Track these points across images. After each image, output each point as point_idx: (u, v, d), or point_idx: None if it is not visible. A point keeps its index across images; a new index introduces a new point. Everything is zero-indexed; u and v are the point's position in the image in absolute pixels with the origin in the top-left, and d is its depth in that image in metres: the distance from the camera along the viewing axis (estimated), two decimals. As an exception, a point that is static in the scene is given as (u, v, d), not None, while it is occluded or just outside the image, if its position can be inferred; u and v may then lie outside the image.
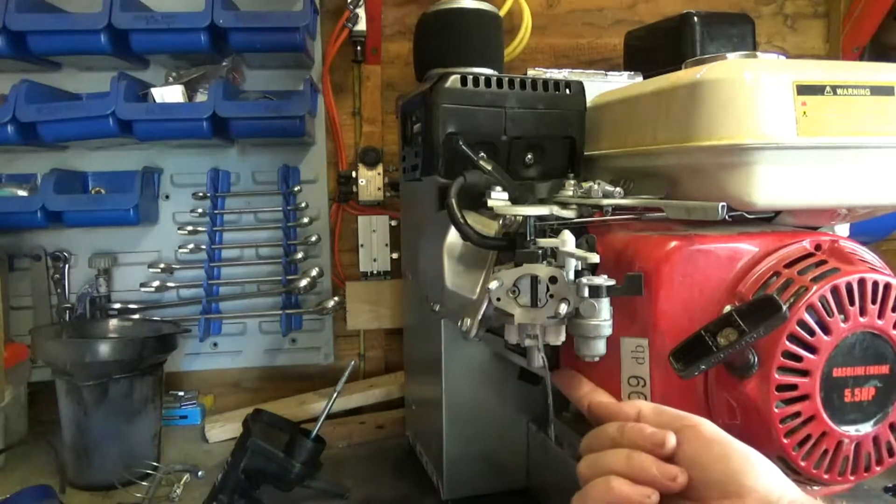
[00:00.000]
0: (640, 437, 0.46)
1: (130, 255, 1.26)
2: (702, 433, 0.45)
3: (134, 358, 0.98)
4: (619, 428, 0.48)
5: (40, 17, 1.08)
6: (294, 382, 1.32)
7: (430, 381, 0.92)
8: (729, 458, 0.43)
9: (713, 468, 0.43)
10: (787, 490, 0.42)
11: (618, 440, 0.47)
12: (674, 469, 0.44)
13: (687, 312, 0.56)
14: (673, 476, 0.44)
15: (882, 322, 0.53)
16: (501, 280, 0.58)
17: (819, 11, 1.45)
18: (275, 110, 1.14)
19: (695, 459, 0.44)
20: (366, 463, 1.06)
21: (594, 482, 0.46)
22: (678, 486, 0.44)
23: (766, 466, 0.43)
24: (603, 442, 0.48)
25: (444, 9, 0.92)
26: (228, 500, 0.84)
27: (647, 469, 0.44)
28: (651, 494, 0.43)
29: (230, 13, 1.09)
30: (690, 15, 1.10)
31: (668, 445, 0.45)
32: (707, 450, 0.44)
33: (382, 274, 1.30)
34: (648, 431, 0.46)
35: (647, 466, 0.44)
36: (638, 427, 0.47)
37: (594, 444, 0.49)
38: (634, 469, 0.45)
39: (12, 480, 1.00)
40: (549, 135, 0.80)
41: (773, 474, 0.43)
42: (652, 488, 0.44)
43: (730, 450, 0.44)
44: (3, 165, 1.22)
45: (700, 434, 0.45)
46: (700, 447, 0.45)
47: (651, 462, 0.44)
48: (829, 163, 0.60)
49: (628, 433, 0.47)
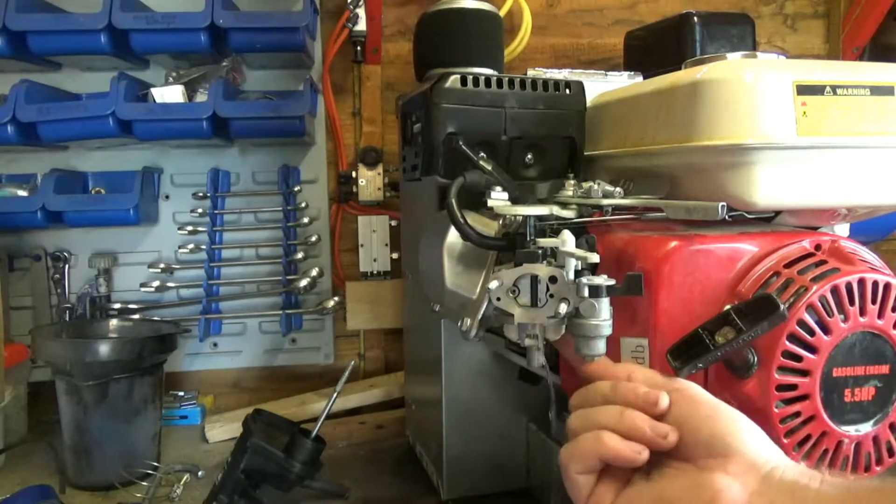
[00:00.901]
0: (633, 395, 0.47)
1: (130, 255, 1.26)
2: (691, 395, 0.46)
3: (134, 358, 0.98)
4: (612, 386, 0.48)
5: (40, 17, 1.08)
6: (294, 382, 1.32)
7: (430, 381, 0.92)
8: (717, 420, 0.44)
9: (701, 428, 0.44)
10: (772, 454, 0.43)
11: (610, 397, 0.48)
12: (665, 427, 0.44)
13: (687, 312, 0.56)
14: (664, 434, 0.44)
15: (882, 322, 0.53)
16: (501, 280, 0.58)
17: (819, 11, 1.45)
18: (275, 110, 1.14)
19: (683, 420, 0.45)
20: (366, 463, 1.05)
21: (585, 435, 0.46)
22: (669, 444, 0.44)
23: (753, 430, 0.44)
24: (595, 398, 0.49)
25: (444, 9, 0.92)
26: (228, 500, 0.84)
27: (639, 426, 0.45)
28: (642, 451, 0.44)
29: (230, 13, 1.09)
30: (690, 15, 1.10)
31: (661, 405, 0.45)
32: (696, 411, 0.45)
33: (382, 274, 1.30)
34: (642, 391, 0.46)
35: (639, 423, 0.45)
36: (631, 386, 0.47)
37: (585, 400, 0.49)
38: (626, 425, 0.45)
39: (12, 480, 1.00)
40: (549, 135, 0.80)
41: (760, 438, 0.44)
42: (643, 445, 0.44)
43: (718, 412, 0.45)
44: (3, 165, 1.22)
45: (689, 396, 0.46)
46: (689, 408, 0.45)
47: (643, 419, 0.45)
48: (829, 163, 0.60)
49: (621, 391, 0.47)
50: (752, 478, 0.41)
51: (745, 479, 0.41)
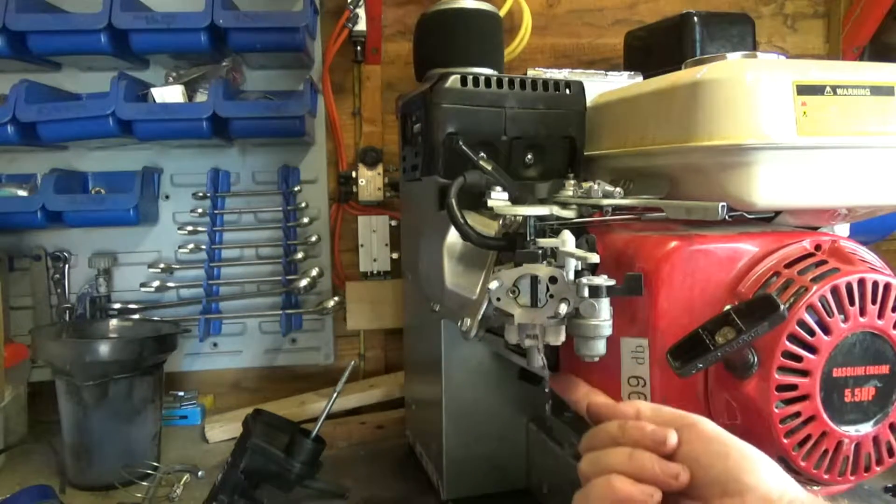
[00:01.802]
0: (641, 434, 0.46)
1: (130, 255, 1.26)
2: (701, 431, 0.45)
3: (134, 358, 0.98)
4: (620, 426, 0.48)
5: (40, 17, 1.08)
6: (294, 382, 1.32)
7: (430, 381, 0.92)
8: (729, 456, 0.43)
9: (713, 466, 0.43)
10: (787, 488, 0.42)
11: (618, 438, 0.47)
12: (676, 467, 0.44)
13: (687, 312, 0.56)
14: (675, 474, 0.44)
15: (882, 322, 0.53)
16: (501, 280, 0.58)
17: (819, 11, 1.45)
18: (275, 110, 1.14)
19: (695, 458, 0.44)
20: (366, 463, 1.05)
21: (596, 481, 0.46)
22: (680, 485, 0.43)
23: (766, 464, 0.43)
24: (603, 440, 0.48)
25: (444, 9, 0.92)
26: (228, 500, 0.84)
27: (649, 467, 0.44)
28: (654, 493, 0.43)
29: (230, 13, 1.09)
30: (690, 15, 1.10)
31: (670, 443, 0.45)
32: (707, 448, 0.44)
33: (382, 274, 1.30)
34: (650, 429, 0.46)
35: (649, 465, 0.44)
36: (639, 425, 0.47)
37: (594, 443, 0.49)
38: (636, 467, 0.44)
39: (12, 480, 1.00)
40: (549, 135, 0.80)
41: (774, 472, 0.43)
42: (654, 486, 0.44)
43: (729, 448, 0.44)
44: (3, 165, 1.22)
45: (699, 432, 0.45)
46: (700, 445, 0.44)
47: (653, 460, 0.44)
48: (829, 163, 0.60)
49: (629, 431, 0.47)
50: None
51: None
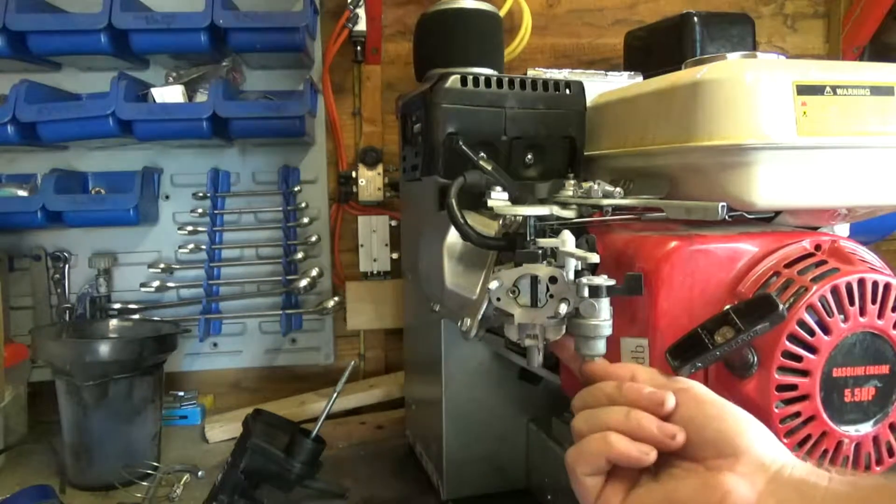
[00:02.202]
0: (638, 395, 0.46)
1: (130, 255, 1.26)
2: (696, 394, 0.46)
3: (134, 358, 0.98)
4: (617, 386, 0.48)
5: (40, 17, 1.08)
6: (294, 382, 1.32)
7: (430, 381, 0.92)
8: (723, 419, 0.44)
9: (708, 428, 0.44)
10: (780, 453, 0.43)
11: (615, 398, 0.47)
12: (673, 427, 0.44)
13: (687, 312, 0.56)
14: (672, 434, 0.44)
15: (882, 322, 0.53)
16: (501, 280, 0.58)
17: (819, 11, 1.45)
18: (275, 110, 1.14)
19: (690, 420, 0.44)
20: (366, 463, 1.05)
21: (591, 436, 0.46)
22: (677, 445, 0.44)
23: (760, 429, 0.44)
24: (599, 399, 0.48)
25: (444, 9, 0.92)
26: (228, 500, 0.84)
27: (646, 426, 0.44)
28: (650, 451, 0.44)
29: (230, 13, 1.09)
30: (690, 15, 1.10)
31: (668, 405, 0.45)
32: (702, 410, 0.45)
33: (382, 274, 1.30)
34: (647, 391, 0.46)
35: (646, 424, 0.44)
36: (636, 386, 0.47)
37: (589, 401, 0.49)
38: (633, 426, 0.45)
39: (12, 480, 1.00)
40: (549, 135, 0.80)
41: (768, 437, 0.44)
42: (650, 445, 0.44)
43: (724, 411, 0.45)
44: (3, 165, 1.22)
45: (694, 395, 0.46)
46: (695, 408, 0.45)
47: (650, 420, 0.45)
48: (829, 163, 0.60)
49: (626, 391, 0.47)
50: (760, 477, 0.41)
51: (754, 479, 0.41)
